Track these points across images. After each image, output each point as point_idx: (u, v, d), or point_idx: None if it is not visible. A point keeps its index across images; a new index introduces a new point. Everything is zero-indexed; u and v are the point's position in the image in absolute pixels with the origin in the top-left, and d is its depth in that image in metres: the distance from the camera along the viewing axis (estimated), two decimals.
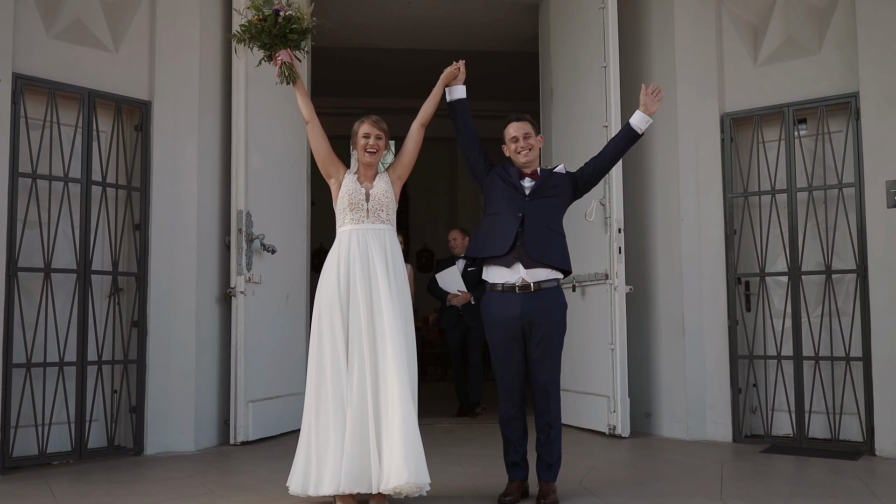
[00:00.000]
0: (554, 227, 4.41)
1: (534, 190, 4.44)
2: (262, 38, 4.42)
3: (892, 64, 5.75)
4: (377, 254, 4.25)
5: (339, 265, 4.26)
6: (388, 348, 4.12)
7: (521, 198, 4.42)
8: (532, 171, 4.50)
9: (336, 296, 4.22)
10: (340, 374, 4.14)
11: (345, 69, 10.69)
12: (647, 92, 4.49)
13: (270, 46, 4.43)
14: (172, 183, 6.09)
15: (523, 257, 4.32)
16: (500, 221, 4.39)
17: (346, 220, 4.35)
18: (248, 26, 4.43)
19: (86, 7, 5.80)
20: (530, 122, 4.57)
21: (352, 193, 4.35)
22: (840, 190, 6.04)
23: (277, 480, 4.82)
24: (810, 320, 6.12)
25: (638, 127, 4.47)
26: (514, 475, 4.42)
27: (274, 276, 6.62)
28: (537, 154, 4.56)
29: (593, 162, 4.52)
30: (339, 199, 4.38)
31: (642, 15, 7.00)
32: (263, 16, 4.36)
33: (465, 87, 4.52)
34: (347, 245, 4.28)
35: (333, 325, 4.20)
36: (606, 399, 6.48)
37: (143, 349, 5.91)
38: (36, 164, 5.47)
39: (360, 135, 4.44)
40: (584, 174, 4.52)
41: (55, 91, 5.56)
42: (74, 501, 4.42)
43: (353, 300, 4.21)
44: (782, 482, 4.88)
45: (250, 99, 6.40)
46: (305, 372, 7.04)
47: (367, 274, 4.22)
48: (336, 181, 4.44)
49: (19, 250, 5.35)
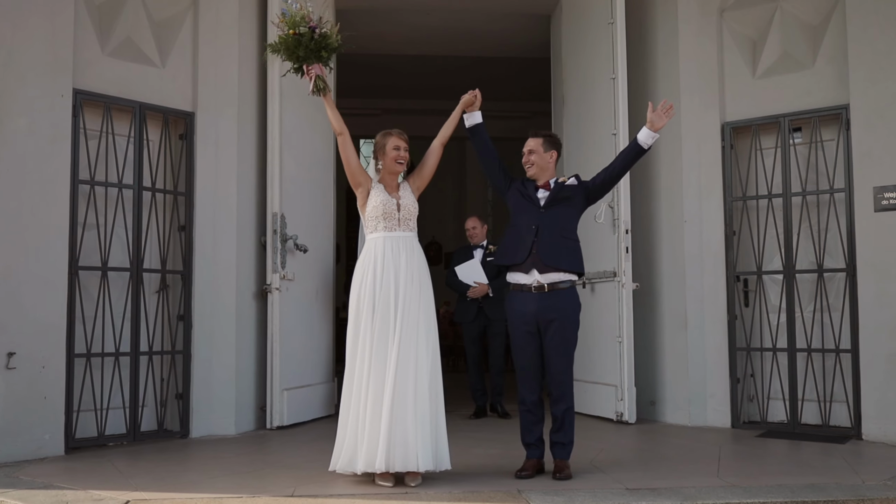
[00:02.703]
0: (566, 234, 4.87)
1: (547, 201, 4.91)
2: (297, 52, 4.71)
3: (880, 78, 6.17)
4: (408, 260, 4.71)
5: (374, 268, 4.67)
6: (419, 343, 4.63)
7: (535, 209, 4.90)
8: (545, 182, 4.97)
9: (372, 296, 4.64)
10: (375, 365, 4.58)
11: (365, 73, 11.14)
12: (659, 108, 4.86)
13: (303, 60, 4.74)
14: (214, 187, 6.57)
15: (538, 263, 4.81)
16: (519, 232, 4.90)
17: (378, 227, 4.76)
18: (286, 38, 4.72)
19: (136, 26, 6.28)
20: (543, 137, 5.01)
21: (385, 204, 4.75)
22: (831, 195, 6.46)
23: (318, 460, 5.33)
24: (803, 315, 6.55)
25: (644, 143, 4.86)
26: (531, 454, 4.91)
27: (305, 273, 7.09)
28: (546, 168, 4.98)
29: (604, 173, 4.97)
30: (373, 208, 4.76)
31: (648, 30, 7.41)
32: (300, 32, 4.67)
33: (480, 112, 4.97)
34: (382, 251, 4.70)
35: (370, 322, 4.63)
36: (614, 388, 6.92)
37: (188, 341, 6.41)
38: (94, 172, 5.98)
39: (389, 147, 4.83)
40: (595, 185, 4.97)
41: (110, 105, 6.06)
42: (141, 476, 4.92)
43: (386, 300, 4.64)
44: (775, 463, 5.37)
45: (284, 109, 6.86)
46: (333, 363, 7.63)
47: (399, 278, 4.67)
48: (364, 189, 4.81)
49: (80, 251, 5.85)
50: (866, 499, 4.24)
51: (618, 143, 6.88)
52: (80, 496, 4.37)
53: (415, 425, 4.51)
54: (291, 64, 4.80)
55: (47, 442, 5.54)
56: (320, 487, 4.53)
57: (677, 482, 4.60)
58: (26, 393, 5.45)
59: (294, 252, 6.89)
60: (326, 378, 7.45)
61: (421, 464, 4.49)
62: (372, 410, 4.54)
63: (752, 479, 4.70)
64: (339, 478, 4.73)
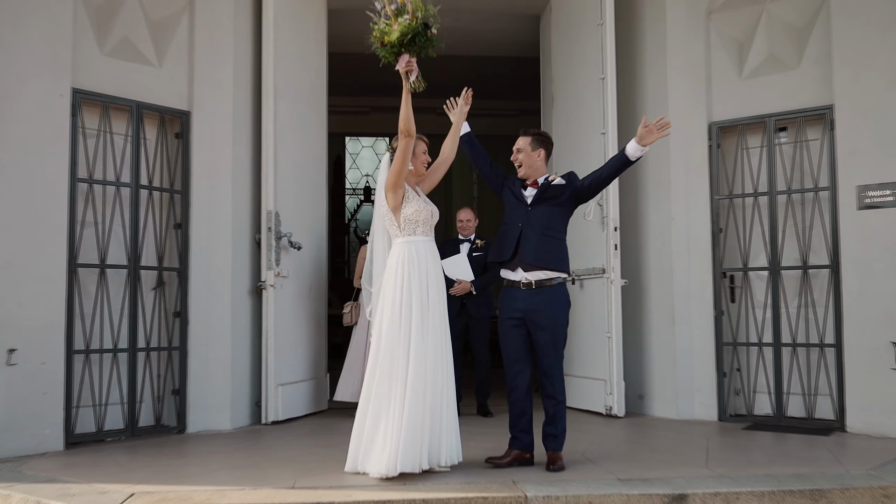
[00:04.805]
0: (550, 232, 4.98)
1: (534, 200, 5.04)
2: (414, 42, 4.62)
3: (864, 80, 6.31)
4: (436, 263, 4.91)
5: (418, 271, 4.76)
6: (447, 342, 4.79)
7: (523, 208, 5.04)
8: (534, 181, 5.08)
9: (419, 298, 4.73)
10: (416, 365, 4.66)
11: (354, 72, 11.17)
12: (652, 124, 4.89)
13: (409, 51, 4.66)
14: (209, 186, 6.64)
15: (522, 261, 4.95)
16: (507, 231, 5.04)
17: (416, 230, 4.84)
18: (408, 25, 4.59)
19: (134, 26, 6.34)
20: (532, 136, 5.14)
21: (424, 209, 4.87)
22: (816, 193, 6.60)
23: (315, 453, 5.45)
24: (788, 311, 6.70)
25: (632, 155, 4.93)
26: (512, 444, 5.04)
27: (299, 270, 7.18)
28: (533, 166, 5.09)
29: (592, 177, 5.04)
30: (414, 212, 4.82)
31: (637, 31, 7.52)
32: (419, 20, 4.61)
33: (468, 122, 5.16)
34: (424, 254, 4.83)
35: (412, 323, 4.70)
36: (603, 382, 7.05)
37: (184, 337, 6.49)
38: (92, 171, 6.04)
39: (419, 150, 4.98)
40: (584, 186, 5.04)
41: (108, 104, 6.13)
42: (142, 470, 5.00)
43: (427, 302, 4.76)
44: (761, 454, 5.51)
45: (278, 108, 6.94)
46: (327, 359, 7.71)
47: (431, 280, 4.82)
48: (402, 192, 4.85)
49: (78, 248, 5.91)
50: (851, 488, 4.38)
51: (607, 142, 7.00)
52: (85, 489, 4.45)
53: (450, 422, 4.73)
54: (390, 49, 4.68)
55: (47, 437, 5.61)
56: (320, 479, 4.63)
57: (668, 472, 4.73)
58: (27, 389, 5.52)
59: (288, 249, 6.97)
60: (320, 374, 7.54)
61: (456, 458, 4.75)
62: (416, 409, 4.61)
63: (740, 470, 4.83)
64: (337, 470, 4.83)
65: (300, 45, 7.37)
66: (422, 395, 4.63)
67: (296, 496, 4.24)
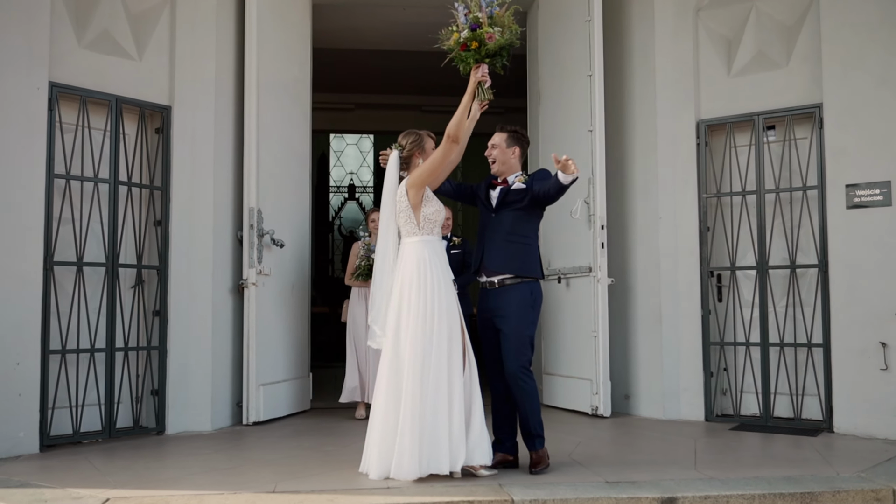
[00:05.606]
0: (514, 237, 4.92)
1: (497, 205, 5.00)
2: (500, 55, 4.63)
3: (852, 78, 6.27)
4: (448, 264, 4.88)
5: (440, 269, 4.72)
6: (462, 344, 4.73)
7: (488, 213, 5.03)
8: (503, 180, 5.03)
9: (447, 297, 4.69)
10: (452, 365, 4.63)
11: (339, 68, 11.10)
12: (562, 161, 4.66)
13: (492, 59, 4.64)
14: (190, 182, 6.52)
15: (485, 268, 4.95)
16: (478, 237, 5.06)
17: (434, 230, 4.79)
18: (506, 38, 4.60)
19: (113, 19, 6.21)
20: (508, 133, 5.06)
21: (442, 210, 4.82)
22: (804, 192, 6.57)
23: (297, 455, 5.34)
24: (776, 310, 6.66)
25: (563, 180, 4.74)
26: (496, 447, 4.95)
27: (282, 268, 7.08)
28: (507, 163, 5.02)
29: (545, 188, 4.83)
30: (434, 212, 4.76)
31: (625, 28, 7.46)
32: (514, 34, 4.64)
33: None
34: (440, 253, 4.79)
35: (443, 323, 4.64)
36: (589, 382, 6.98)
37: (163, 337, 6.36)
38: (69, 166, 5.90)
39: (429, 147, 4.90)
40: (538, 195, 4.88)
41: (86, 98, 5.99)
42: (118, 473, 4.88)
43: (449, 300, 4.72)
44: (749, 454, 5.46)
45: (261, 104, 6.83)
46: (309, 358, 7.61)
47: (448, 280, 4.78)
48: (423, 191, 4.77)
49: (55, 246, 5.78)
50: (842, 491, 4.32)
51: (594, 139, 6.94)
52: (59, 494, 4.33)
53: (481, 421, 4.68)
54: (474, 55, 4.65)
55: (22, 440, 5.47)
56: (301, 483, 4.53)
57: (656, 475, 4.66)
58: (0, 390, 5.37)
59: (270, 247, 6.87)
60: (302, 373, 7.44)
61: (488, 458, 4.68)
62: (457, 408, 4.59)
63: (728, 472, 4.78)
64: (320, 473, 4.75)
65: (284, 39, 7.26)
66: (458, 395, 4.59)
67: (276, 501, 4.15)
